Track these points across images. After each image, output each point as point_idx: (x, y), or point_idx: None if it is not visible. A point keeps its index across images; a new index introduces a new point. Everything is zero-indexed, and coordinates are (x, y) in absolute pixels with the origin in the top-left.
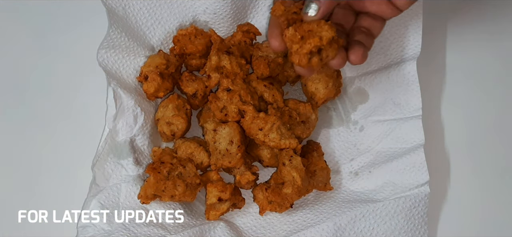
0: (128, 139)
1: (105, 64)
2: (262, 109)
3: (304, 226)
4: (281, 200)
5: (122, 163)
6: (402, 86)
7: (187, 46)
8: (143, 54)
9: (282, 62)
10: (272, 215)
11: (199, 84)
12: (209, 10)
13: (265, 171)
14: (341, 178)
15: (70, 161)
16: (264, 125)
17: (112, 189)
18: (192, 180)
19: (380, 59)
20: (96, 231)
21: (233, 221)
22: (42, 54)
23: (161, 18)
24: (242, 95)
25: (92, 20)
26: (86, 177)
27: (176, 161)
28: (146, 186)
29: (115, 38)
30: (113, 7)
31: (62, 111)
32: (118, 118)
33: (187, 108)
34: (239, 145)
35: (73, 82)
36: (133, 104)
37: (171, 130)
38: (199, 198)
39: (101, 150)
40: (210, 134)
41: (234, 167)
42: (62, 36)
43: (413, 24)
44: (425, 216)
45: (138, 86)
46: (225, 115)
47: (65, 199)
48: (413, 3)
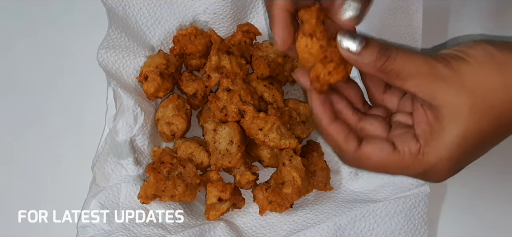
0: (128, 139)
1: (105, 64)
2: (262, 109)
3: (304, 226)
4: (281, 200)
5: (122, 163)
6: None
7: (187, 46)
8: (143, 54)
9: (282, 62)
10: (272, 215)
11: (199, 84)
12: (209, 10)
13: (265, 171)
14: (341, 178)
15: (70, 161)
16: (264, 125)
17: (112, 189)
18: (192, 180)
19: None
20: (96, 231)
21: (233, 221)
22: (42, 54)
23: (161, 18)
24: (242, 95)
25: (92, 20)
26: (86, 177)
27: (176, 161)
28: (146, 186)
29: (115, 38)
30: (113, 7)
31: (62, 111)
32: (118, 118)
33: (187, 108)
34: (239, 145)
35: (73, 82)
36: (133, 104)
37: (171, 130)
38: (199, 198)
39: (101, 150)
40: (210, 134)
41: (234, 167)
42: (62, 36)
43: (413, 23)
44: (425, 216)
45: (138, 86)
46: (225, 115)
47: (65, 199)
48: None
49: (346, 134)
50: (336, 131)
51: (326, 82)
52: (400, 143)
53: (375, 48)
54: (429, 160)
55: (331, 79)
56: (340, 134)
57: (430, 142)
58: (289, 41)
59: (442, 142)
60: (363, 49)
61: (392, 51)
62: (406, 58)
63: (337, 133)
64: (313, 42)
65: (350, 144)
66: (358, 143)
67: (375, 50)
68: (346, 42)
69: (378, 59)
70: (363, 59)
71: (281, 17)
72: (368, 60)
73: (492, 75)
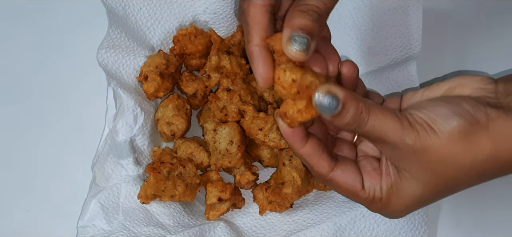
0: (128, 139)
1: (105, 64)
2: (262, 109)
3: (304, 226)
4: (281, 200)
5: (122, 163)
6: (402, 86)
7: (187, 46)
8: (143, 54)
9: None
10: (272, 215)
11: (199, 84)
12: (209, 10)
13: (265, 171)
14: None
15: (70, 161)
16: (264, 125)
17: (112, 189)
18: (192, 180)
19: (380, 59)
20: (96, 231)
21: (233, 221)
22: (42, 54)
23: (161, 18)
24: (242, 95)
25: (92, 20)
26: (86, 177)
27: (176, 161)
28: (146, 186)
29: (115, 38)
30: (113, 7)
31: (62, 111)
32: (118, 118)
33: (187, 108)
34: (239, 145)
35: (73, 82)
36: (133, 104)
37: (171, 130)
38: (199, 198)
39: (101, 150)
40: (210, 134)
41: (234, 167)
42: (62, 36)
43: (413, 24)
44: (425, 216)
45: (138, 86)
46: (225, 115)
47: (65, 199)
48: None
49: (318, 156)
50: (308, 154)
51: (294, 120)
52: (367, 183)
53: (350, 111)
54: (388, 208)
55: (300, 118)
56: (312, 158)
57: (391, 196)
58: (271, 76)
59: (400, 197)
60: (339, 113)
61: (364, 115)
62: (376, 125)
63: (309, 156)
64: (285, 75)
65: (322, 167)
66: (330, 166)
67: (349, 114)
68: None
69: (352, 123)
70: (336, 120)
71: (258, 54)
72: (341, 123)
73: (459, 155)
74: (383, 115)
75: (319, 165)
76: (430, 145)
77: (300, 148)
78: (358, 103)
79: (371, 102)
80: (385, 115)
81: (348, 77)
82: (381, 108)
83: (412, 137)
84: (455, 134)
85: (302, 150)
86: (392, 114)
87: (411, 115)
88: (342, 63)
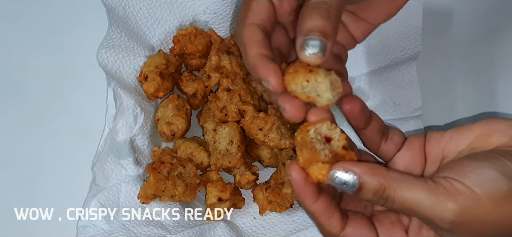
0: (128, 139)
1: (105, 64)
2: (262, 109)
3: (304, 226)
4: (281, 200)
5: (122, 163)
6: (402, 86)
7: (187, 46)
8: (143, 54)
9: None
10: (272, 215)
11: (199, 84)
12: (209, 10)
13: (265, 171)
14: None
15: (70, 161)
16: (264, 125)
17: (112, 189)
18: (192, 180)
19: (380, 59)
20: (96, 231)
21: (233, 221)
22: (42, 54)
23: (161, 18)
24: (242, 95)
25: (92, 20)
26: (86, 177)
27: (176, 161)
28: (146, 186)
29: (115, 38)
30: (113, 7)
31: (62, 111)
32: (118, 118)
33: (187, 108)
34: (239, 145)
35: (73, 82)
36: (133, 104)
37: (171, 130)
38: (199, 198)
39: (101, 150)
40: (210, 134)
41: (234, 167)
42: (62, 36)
43: (413, 24)
44: None
45: (138, 86)
46: (225, 115)
47: (65, 199)
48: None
49: (330, 215)
50: (320, 211)
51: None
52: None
53: (370, 188)
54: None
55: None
56: (323, 216)
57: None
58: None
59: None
60: (359, 190)
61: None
62: (407, 200)
63: (320, 214)
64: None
65: (334, 226)
66: (342, 225)
67: (370, 191)
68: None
69: (377, 200)
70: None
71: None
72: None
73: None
74: (413, 188)
75: (329, 224)
76: (475, 216)
77: (312, 204)
78: (379, 179)
79: (395, 175)
80: (415, 188)
81: (351, 113)
82: (410, 181)
83: (452, 211)
84: (502, 197)
85: (314, 207)
86: (422, 187)
87: (450, 182)
88: (342, 100)
